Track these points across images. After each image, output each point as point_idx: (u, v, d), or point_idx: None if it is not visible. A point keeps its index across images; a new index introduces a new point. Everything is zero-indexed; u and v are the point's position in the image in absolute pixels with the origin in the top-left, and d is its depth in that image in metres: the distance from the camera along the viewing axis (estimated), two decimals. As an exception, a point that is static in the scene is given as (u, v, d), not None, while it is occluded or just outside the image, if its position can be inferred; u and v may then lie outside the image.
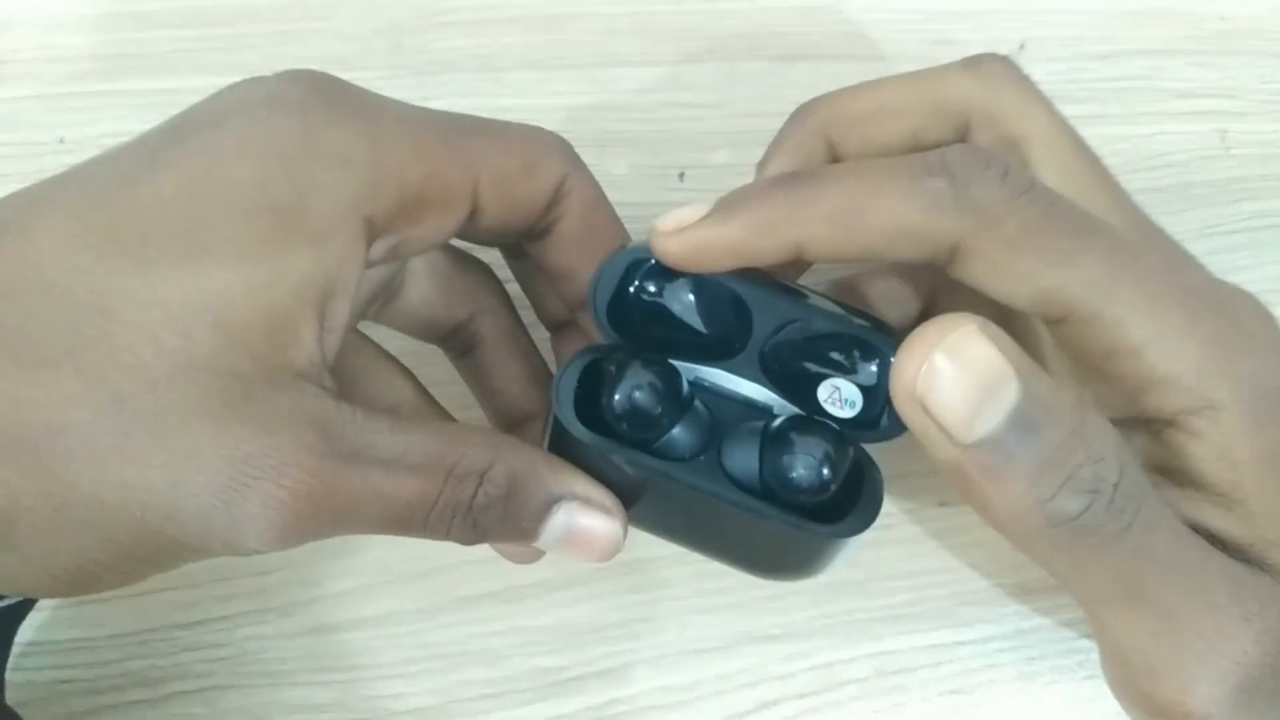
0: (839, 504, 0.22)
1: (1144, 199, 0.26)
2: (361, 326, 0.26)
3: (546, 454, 0.23)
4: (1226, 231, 0.37)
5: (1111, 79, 0.40)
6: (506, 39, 0.38)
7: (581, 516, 0.22)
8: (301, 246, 0.20)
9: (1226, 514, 0.22)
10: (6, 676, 0.24)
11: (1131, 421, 0.23)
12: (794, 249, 0.22)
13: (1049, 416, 0.19)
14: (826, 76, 0.29)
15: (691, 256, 0.22)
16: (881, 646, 0.30)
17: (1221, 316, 0.22)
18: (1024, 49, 0.40)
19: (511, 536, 0.22)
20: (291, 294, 0.20)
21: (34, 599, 0.24)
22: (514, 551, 0.26)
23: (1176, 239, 0.25)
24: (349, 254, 0.21)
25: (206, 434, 0.19)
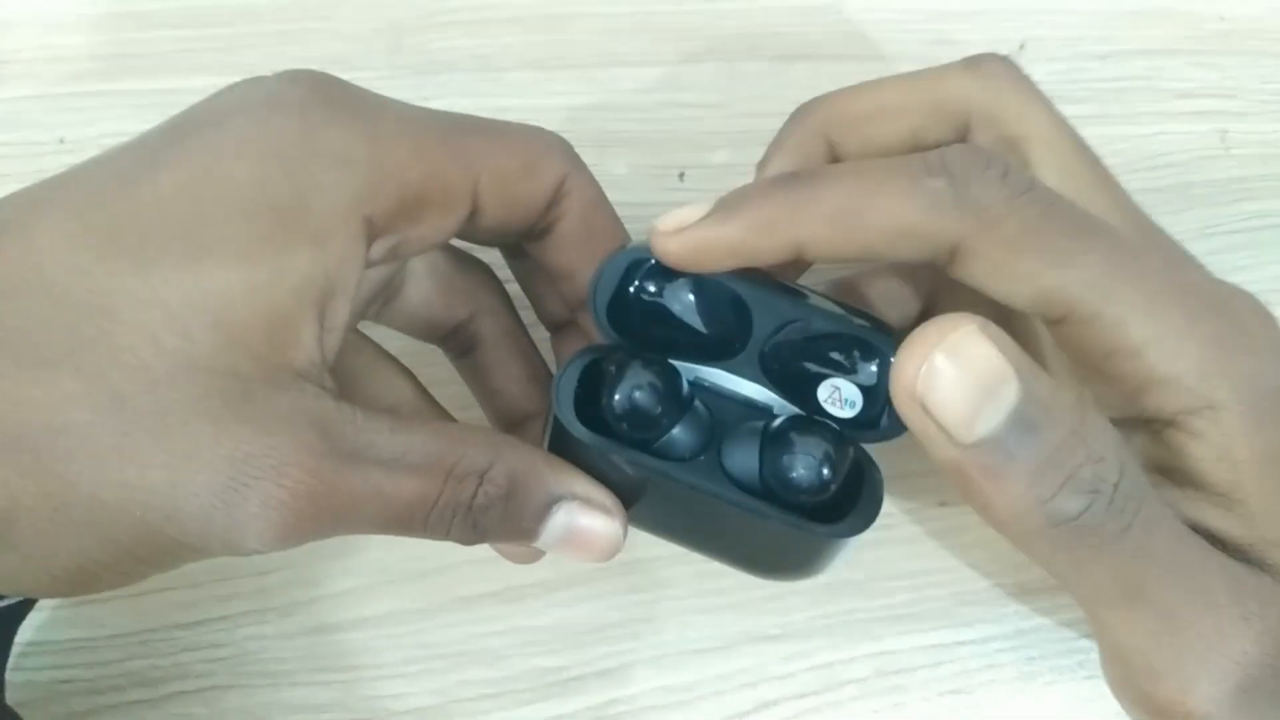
0: (839, 504, 0.22)
1: (1144, 199, 0.26)
2: (361, 326, 0.26)
3: (546, 454, 0.23)
4: (1226, 231, 0.37)
5: (1111, 79, 0.40)
6: (506, 39, 0.38)
7: (581, 516, 0.22)
8: (301, 246, 0.20)
9: (1226, 514, 0.22)
10: (6, 676, 0.24)
11: (1131, 421, 0.23)
12: (794, 249, 0.22)
13: (1049, 416, 0.19)
14: (826, 76, 0.29)
15: (691, 256, 0.22)
16: (881, 646, 0.30)
17: (1221, 316, 0.22)
18: (1024, 49, 0.40)
19: (511, 536, 0.22)
20: (291, 294, 0.20)
21: (34, 599, 0.24)
22: (514, 551, 0.26)
23: (1176, 239, 0.25)
24: (349, 254, 0.21)
25: (206, 434, 0.19)
